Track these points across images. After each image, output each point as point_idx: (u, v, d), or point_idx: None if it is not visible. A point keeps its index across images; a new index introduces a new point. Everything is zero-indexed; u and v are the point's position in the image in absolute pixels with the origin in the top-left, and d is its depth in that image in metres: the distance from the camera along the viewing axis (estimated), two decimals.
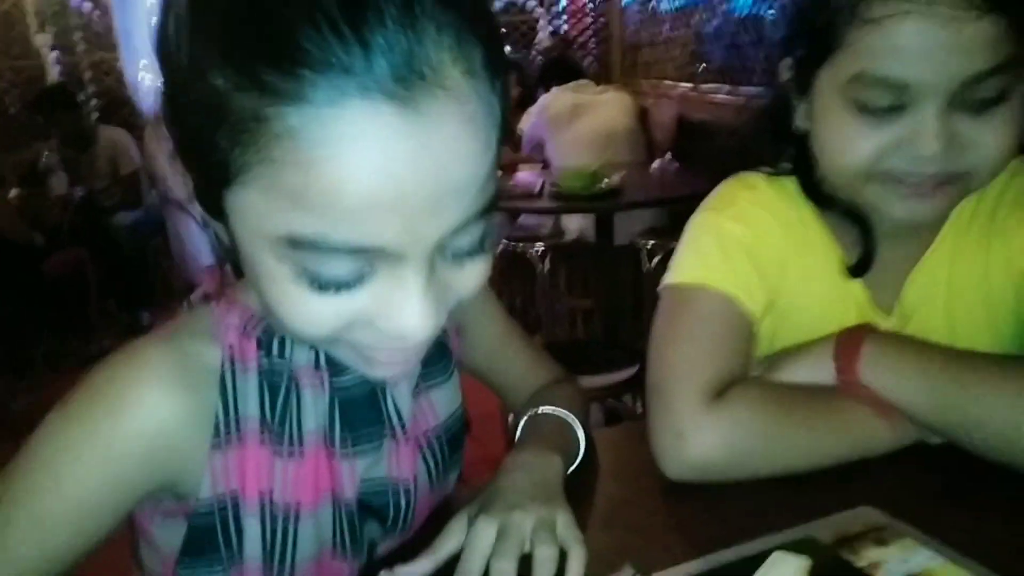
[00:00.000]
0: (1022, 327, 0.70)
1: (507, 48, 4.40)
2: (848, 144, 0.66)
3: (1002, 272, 0.72)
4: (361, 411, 0.61)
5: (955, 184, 0.65)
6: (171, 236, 4.47)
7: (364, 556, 0.63)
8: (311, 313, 0.45)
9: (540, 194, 2.31)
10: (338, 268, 0.43)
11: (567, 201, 2.20)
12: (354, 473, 0.61)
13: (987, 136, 0.62)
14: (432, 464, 0.67)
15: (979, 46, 0.58)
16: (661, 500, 0.67)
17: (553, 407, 0.73)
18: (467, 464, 0.75)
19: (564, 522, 0.57)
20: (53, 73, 4.66)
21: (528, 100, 3.83)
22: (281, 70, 0.38)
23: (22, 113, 4.47)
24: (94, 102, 4.76)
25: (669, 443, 0.66)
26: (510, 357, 0.80)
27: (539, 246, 3.28)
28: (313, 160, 0.39)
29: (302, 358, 0.58)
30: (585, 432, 0.73)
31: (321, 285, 0.44)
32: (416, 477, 0.65)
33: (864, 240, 0.73)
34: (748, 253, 0.74)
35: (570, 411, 0.73)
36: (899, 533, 0.56)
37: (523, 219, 3.71)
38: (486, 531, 0.55)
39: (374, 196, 0.40)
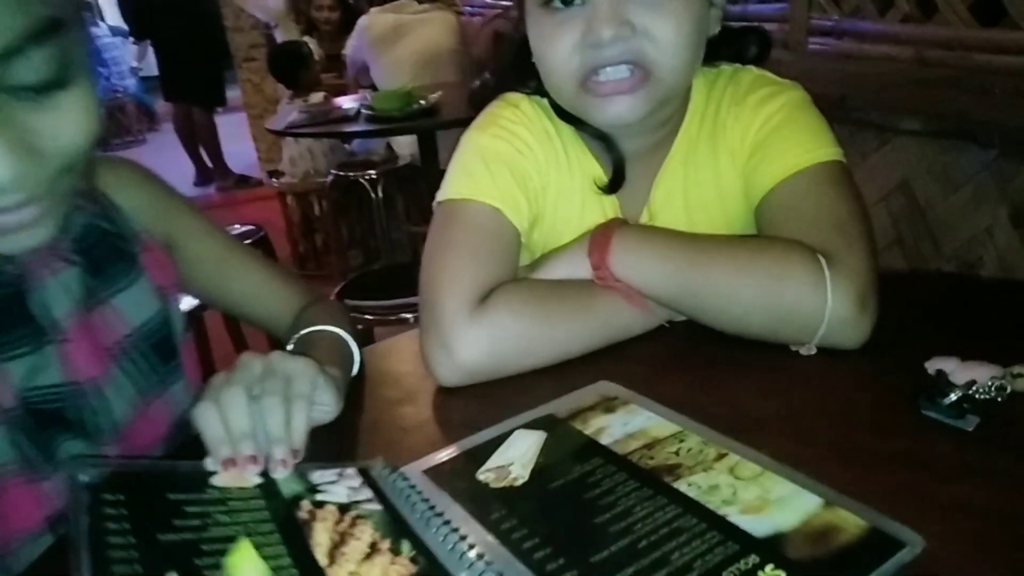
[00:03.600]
0: (750, 210, 0.78)
1: None
2: (546, 47, 0.72)
3: (729, 165, 0.79)
4: (1, 316, 0.60)
5: (646, 83, 0.71)
6: None
7: (78, 479, 0.51)
8: None
9: (356, 117, 2.25)
10: None
11: (383, 123, 2.16)
12: (8, 379, 0.59)
13: (656, 22, 0.68)
14: (135, 371, 0.68)
15: None
16: (429, 399, 0.70)
17: (321, 325, 0.74)
18: None
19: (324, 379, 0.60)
20: None
21: (351, 23, 3.67)
22: None
23: None
24: None
25: (437, 354, 0.69)
26: (251, 283, 0.81)
27: (372, 173, 3.23)
28: None
29: None
30: (356, 341, 0.75)
31: None
32: (110, 382, 0.65)
33: (613, 158, 0.79)
34: (510, 169, 0.78)
35: (338, 327, 0.75)
36: (626, 401, 0.62)
37: (355, 146, 3.62)
38: (252, 362, 0.58)
39: None
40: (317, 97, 2.79)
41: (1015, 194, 1.20)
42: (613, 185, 0.80)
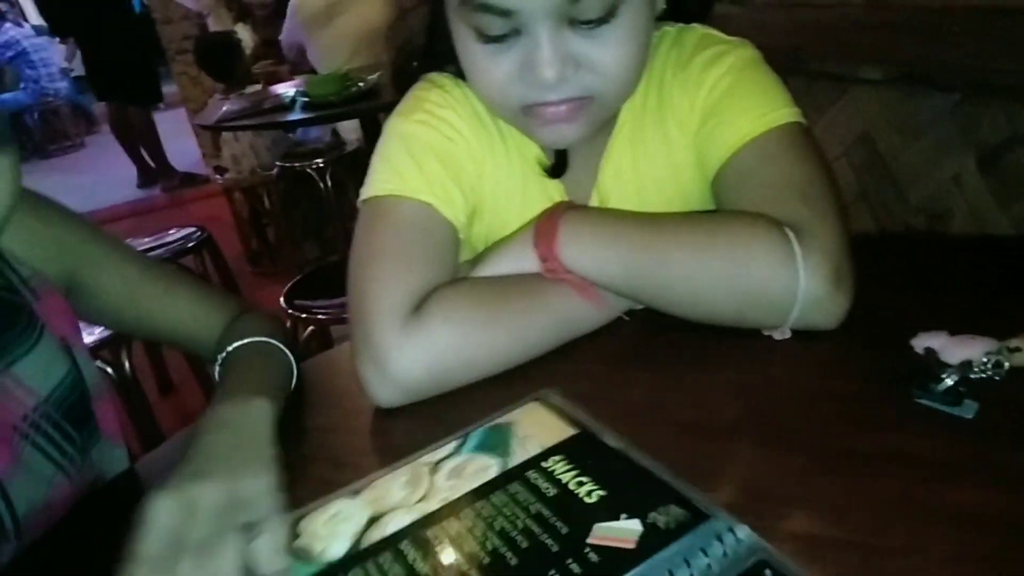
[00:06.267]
0: (706, 183, 0.70)
1: None
2: (479, 74, 0.66)
3: (679, 137, 0.72)
4: None
5: (589, 107, 0.65)
6: None
7: None
8: None
9: (293, 105, 2.13)
10: None
11: (321, 110, 2.04)
12: None
13: (603, 55, 0.62)
14: (52, 449, 0.58)
15: None
16: (368, 421, 0.63)
17: (251, 337, 0.67)
18: None
19: (259, 491, 0.47)
20: None
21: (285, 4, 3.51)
22: None
23: None
24: None
25: (371, 373, 0.61)
26: (171, 301, 0.72)
27: (319, 162, 3.10)
28: None
29: None
30: (293, 354, 0.68)
31: None
32: (19, 469, 0.55)
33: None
34: (439, 158, 0.70)
35: (271, 337, 0.67)
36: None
37: (299, 135, 3.48)
38: (163, 510, 0.44)
39: None
40: (254, 89, 2.65)
41: (981, 139, 1.14)
42: (557, 168, 0.73)
